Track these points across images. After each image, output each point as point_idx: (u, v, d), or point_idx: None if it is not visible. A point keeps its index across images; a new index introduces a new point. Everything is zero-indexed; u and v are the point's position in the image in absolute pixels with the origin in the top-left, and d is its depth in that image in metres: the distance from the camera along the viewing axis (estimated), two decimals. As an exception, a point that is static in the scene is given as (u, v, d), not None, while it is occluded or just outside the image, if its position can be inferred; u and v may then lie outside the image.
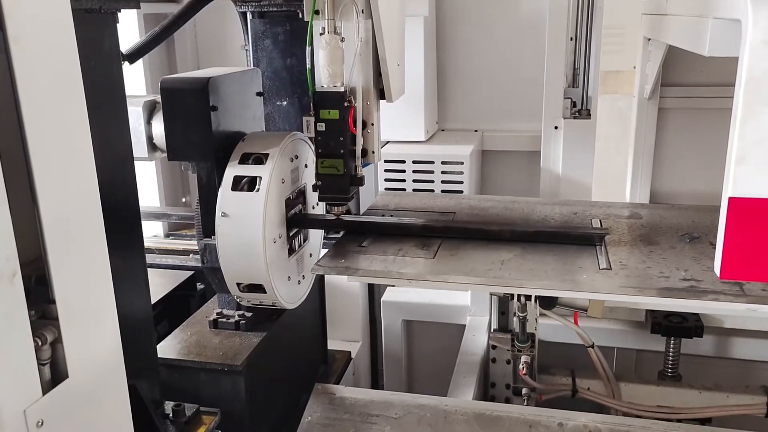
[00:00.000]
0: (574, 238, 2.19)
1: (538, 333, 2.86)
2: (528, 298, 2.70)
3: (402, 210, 2.60)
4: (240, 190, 2.02)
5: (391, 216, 2.48)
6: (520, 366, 2.77)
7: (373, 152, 2.15)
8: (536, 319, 2.84)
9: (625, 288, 1.81)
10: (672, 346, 2.87)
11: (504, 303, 2.95)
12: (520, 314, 2.76)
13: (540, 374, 2.92)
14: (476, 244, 2.17)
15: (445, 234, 2.27)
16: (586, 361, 2.82)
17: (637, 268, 1.96)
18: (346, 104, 1.99)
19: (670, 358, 2.89)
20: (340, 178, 2.06)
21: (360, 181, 2.11)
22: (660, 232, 2.26)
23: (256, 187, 2.00)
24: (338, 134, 2.02)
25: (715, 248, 1.50)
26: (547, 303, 2.74)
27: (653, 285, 1.82)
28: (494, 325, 2.99)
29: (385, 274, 2.00)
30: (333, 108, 2.00)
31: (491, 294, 2.96)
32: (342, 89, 1.99)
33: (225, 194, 2.02)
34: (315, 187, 2.10)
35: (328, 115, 2.01)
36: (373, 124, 2.13)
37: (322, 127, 2.02)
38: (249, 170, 2.03)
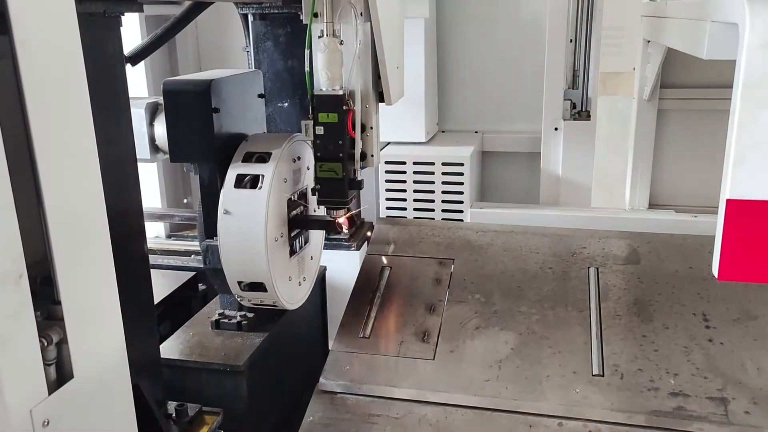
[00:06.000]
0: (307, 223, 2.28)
1: None
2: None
3: (401, 255, 2.65)
4: (243, 188, 2.03)
5: (390, 268, 2.56)
6: None
7: (372, 155, 2.15)
8: None
9: (615, 413, 1.97)
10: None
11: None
12: None
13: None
14: (475, 328, 2.28)
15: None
16: None
17: (628, 371, 2.07)
18: (344, 108, 1.99)
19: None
20: (339, 181, 2.05)
21: (359, 184, 2.11)
22: (656, 293, 2.35)
23: (259, 184, 2.02)
24: (337, 138, 2.01)
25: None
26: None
27: (642, 405, 1.98)
28: None
29: (388, 392, 2.13)
30: (332, 111, 1.99)
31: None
32: (341, 93, 1.98)
33: (227, 192, 2.03)
34: (314, 191, 2.11)
35: (327, 118, 1.99)
36: (372, 128, 2.13)
37: (320, 130, 2.01)
38: (252, 168, 2.05)
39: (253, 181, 2.03)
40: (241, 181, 2.04)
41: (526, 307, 2.34)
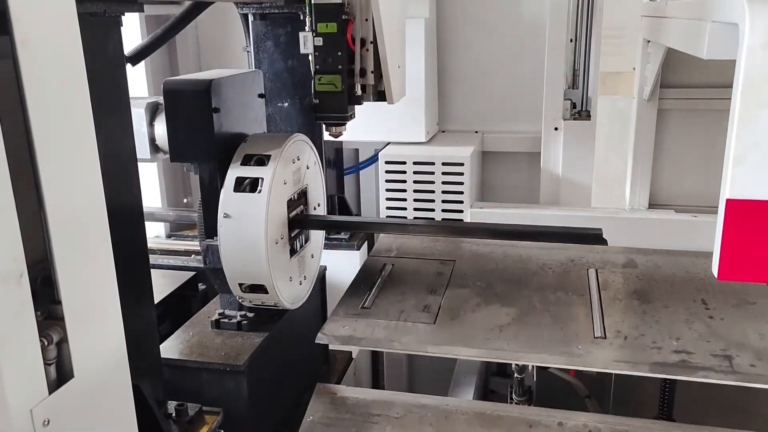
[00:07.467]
0: (570, 236, 2.27)
1: (535, 385, 2.87)
2: (525, 363, 2.73)
3: (403, 257, 2.68)
4: (242, 192, 2.03)
5: (393, 266, 2.58)
6: None
7: (372, 72, 2.08)
8: (533, 375, 2.85)
9: (619, 363, 1.94)
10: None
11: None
12: (519, 375, 2.76)
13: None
14: (476, 304, 2.28)
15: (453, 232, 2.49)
16: (584, 408, 2.82)
17: (630, 335, 2.07)
18: (344, 17, 1.94)
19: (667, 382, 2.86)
20: (338, 95, 1.99)
21: (358, 100, 2.05)
22: (654, 287, 2.37)
23: (258, 188, 2.02)
24: (336, 48, 1.95)
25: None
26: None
27: (645, 359, 1.94)
28: (493, 369, 3.00)
29: (387, 344, 2.09)
30: (331, 21, 1.94)
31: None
32: (340, 1, 1.93)
33: (227, 195, 2.03)
34: (313, 107, 2.05)
35: (326, 28, 1.95)
36: (372, 43, 2.05)
37: (319, 41, 1.96)
38: (251, 171, 2.05)
39: (253, 185, 2.03)
40: (240, 185, 2.04)
41: (528, 292, 2.36)
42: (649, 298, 2.29)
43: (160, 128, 2.18)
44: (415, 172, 3.56)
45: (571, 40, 3.49)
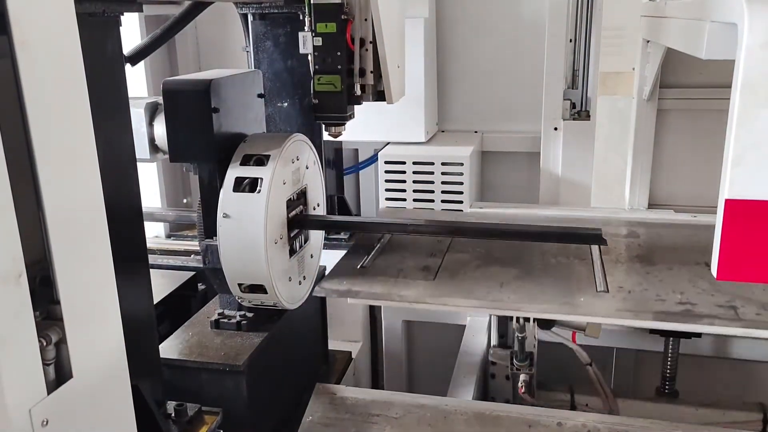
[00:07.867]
0: (570, 236, 2.28)
1: (536, 351, 2.88)
2: (527, 319, 2.74)
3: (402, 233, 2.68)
4: (241, 192, 2.03)
5: (391, 235, 2.59)
6: (519, 384, 2.78)
7: (371, 72, 2.09)
8: (535, 338, 2.85)
9: (622, 312, 1.93)
10: (671, 347, 2.88)
11: (503, 320, 2.99)
12: (519, 335, 2.77)
13: (539, 391, 2.95)
14: (477, 266, 2.28)
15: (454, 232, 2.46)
16: (585, 377, 2.83)
17: (633, 290, 2.07)
18: (343, 17, 1.95)
19: (669, 361, 2.89)
20: (337, 95, 2.01)
21: (358, 100, 2.06)
22: (657, 253, 2.38)
23: (258, 188, 2.02)
24: (336, 48, 1.97)
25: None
26: (546, 324, 2.77)
27: (649, 309, 1.94)
28: (494, 341, 3.00)
29: (385, 296, 2.09)
30: (330, 21, 1.95)
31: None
32: (339, 0, 1.95)
33: (226, 195, 2.04)
34: (312, 107, 2.06)
35: (325, 28, 1.96)
36: (371, 42, 2.06)
37: (318, 41, 1.98)
38: (250, 171, 2.05)
39: (252, 185, 2.03)
40: (239, 185, 2.04)
41: (528, 257, 2.38)
42: (653, 261, 2.28)
43: (160, 128, 2.17)
44: (414, 172, 3.55)
45: (571, 40, 3.49)
